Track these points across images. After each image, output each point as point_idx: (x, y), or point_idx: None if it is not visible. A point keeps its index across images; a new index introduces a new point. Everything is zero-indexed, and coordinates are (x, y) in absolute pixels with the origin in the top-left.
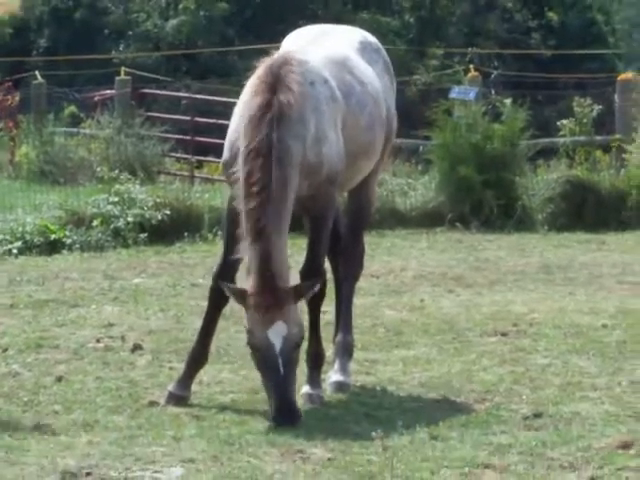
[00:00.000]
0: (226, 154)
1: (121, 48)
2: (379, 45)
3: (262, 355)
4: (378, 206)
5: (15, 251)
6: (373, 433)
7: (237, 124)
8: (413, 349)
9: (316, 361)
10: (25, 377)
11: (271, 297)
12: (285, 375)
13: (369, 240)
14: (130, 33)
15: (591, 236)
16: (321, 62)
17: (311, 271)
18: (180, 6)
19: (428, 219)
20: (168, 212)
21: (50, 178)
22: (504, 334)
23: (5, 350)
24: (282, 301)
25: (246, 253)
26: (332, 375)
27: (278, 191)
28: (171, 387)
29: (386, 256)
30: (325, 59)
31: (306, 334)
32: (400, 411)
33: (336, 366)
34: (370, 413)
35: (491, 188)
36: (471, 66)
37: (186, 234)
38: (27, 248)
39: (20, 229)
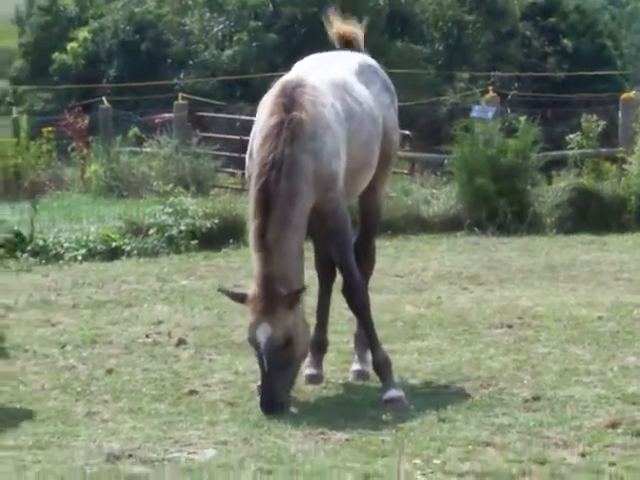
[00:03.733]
0: (248, 163)
1: (182, 76)
2: (377, 66)
3: (254, 351)
4: (405, 213)
5: (80, 257)
6: (383, 416)
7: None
8: (427, 340)
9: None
10: (79, 370)
11: (265, 302)
12: (269, 371)
13: (396, 244)
14: (190, 62)
15: (594, 237)
16: (325, 85)
17: (352, 287)
18: (234, 38)
19: (449, 225)
20: (216, 221)
21: (116, 192)
22: (509, 326)
23: (63, 346)
24: (274, 306)
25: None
26: (353, 364)
27: (285, 202)
28: (307, 370)
29: (409, 258)
30: (328, 82)
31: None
32: (413, 396)
33: (356, 356)
34: None
35: (505, 196)
36: (490, 88)
37: (231, 241)
38: (90, 255)
39: (85, 238)
